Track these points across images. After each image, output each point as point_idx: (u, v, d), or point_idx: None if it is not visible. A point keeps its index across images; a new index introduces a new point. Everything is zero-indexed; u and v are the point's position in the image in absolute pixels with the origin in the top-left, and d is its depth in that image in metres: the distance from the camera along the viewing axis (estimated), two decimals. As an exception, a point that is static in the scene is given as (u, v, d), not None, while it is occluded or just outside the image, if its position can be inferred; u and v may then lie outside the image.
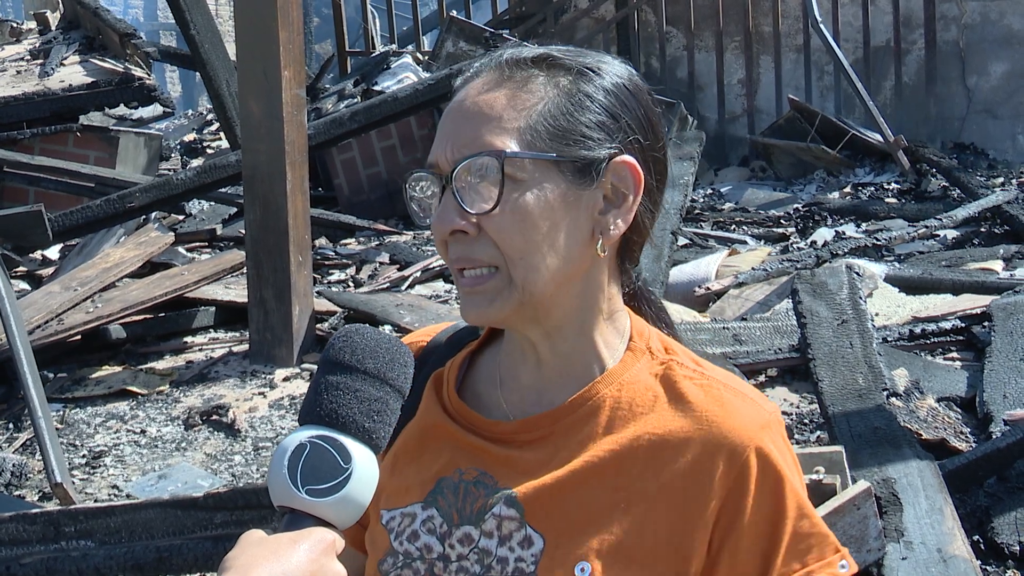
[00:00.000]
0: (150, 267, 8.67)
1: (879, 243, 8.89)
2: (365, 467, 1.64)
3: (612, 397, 1.81)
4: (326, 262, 9.57)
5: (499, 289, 1.76)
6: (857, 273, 6.78)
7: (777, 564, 1.72)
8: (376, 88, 12.65)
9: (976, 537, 4.57)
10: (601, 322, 1.85)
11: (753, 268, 8.02)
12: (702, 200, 12.14)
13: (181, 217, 11.34)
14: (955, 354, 6.44)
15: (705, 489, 1.72)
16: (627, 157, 1.78)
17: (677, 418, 1.77)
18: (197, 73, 12.13)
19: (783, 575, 1.72)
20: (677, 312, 6.96)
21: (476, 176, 1.73)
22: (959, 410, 5.71)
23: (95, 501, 5.68)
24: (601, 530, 1.73)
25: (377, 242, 10.17)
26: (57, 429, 6.36)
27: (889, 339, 6.43)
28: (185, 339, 7.64)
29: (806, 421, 5.81)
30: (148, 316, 7.67)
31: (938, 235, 9.30)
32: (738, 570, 1.73)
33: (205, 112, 18.23)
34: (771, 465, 1.73)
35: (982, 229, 9.44)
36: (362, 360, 1.69)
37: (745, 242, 9.88)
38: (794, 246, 9.54)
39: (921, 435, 5.16)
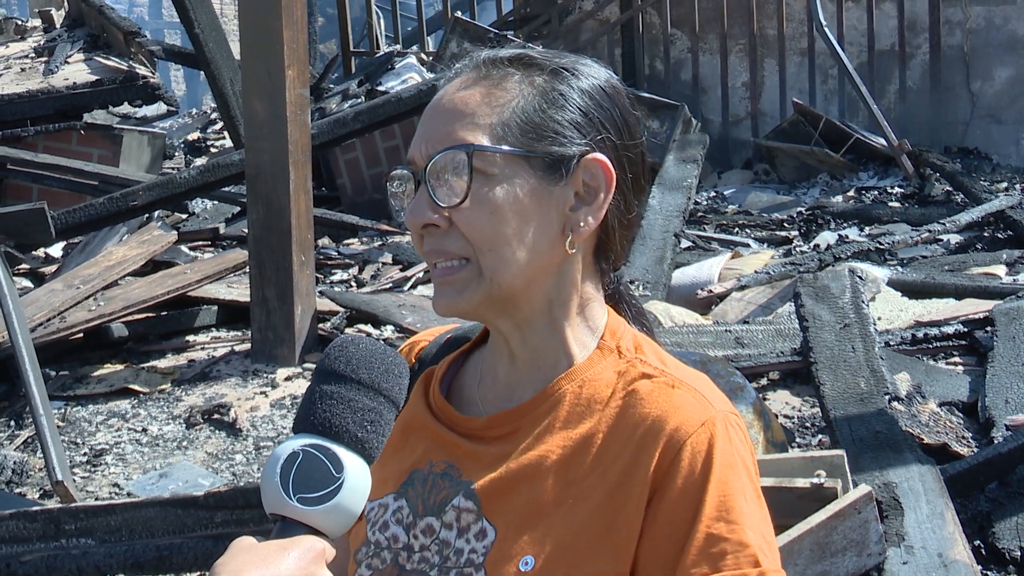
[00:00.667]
0: (152, 265, 8.67)
1: (882, 247, 8.88)
2: (357, 477, 1.64)
3: (572, 393, 1.82)
4: (329, 262, 9.57)
5: (468, 280, 1.79)
6: (860, 277, 6.78)
7: (687, 562, 1.68)
8: (380, 88, 12.66)
9: (977, 542, 4.56)
10: (573, 318, 1.86)
11: (756, 271, 8.02)
12: (705, 203, 12.14)
13: (184, 216, 11.35)
14: (957, 359, 6.44)
15: (639, 482, 1.72)
16: (599, 155, 1.81)
17: (627, 414, 1.77)
18: (201, 72, 12.13)
19: None
20: (680, 315, 6.96)
21: (448, 170, 1.77)
22: (961, 415, 5.71)
23: (96, 499, 5.68)
24: (548, 524, 1.75)
25: (380, 242, 10.17)
26: (58, 427, 6.36)
27: (891, 343, 6.42)
28: (187, 338, 7.64)
29: (807, 425, 5.80)
30: (150, 315, 7.67)
31: (941, 239, 9.29)
32: (653, 562, 1.70)
33: (209, 111, 18.23)
34: (703, 461, 1.71)
35: (985, 234, 9.42)
36: (356, 370, 1.70)
37: (748, 245, 9.88)
38: (797, 249, 9.54)
39: (923, 439, 5.16)
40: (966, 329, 6.60)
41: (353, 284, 8.95)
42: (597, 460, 1.76)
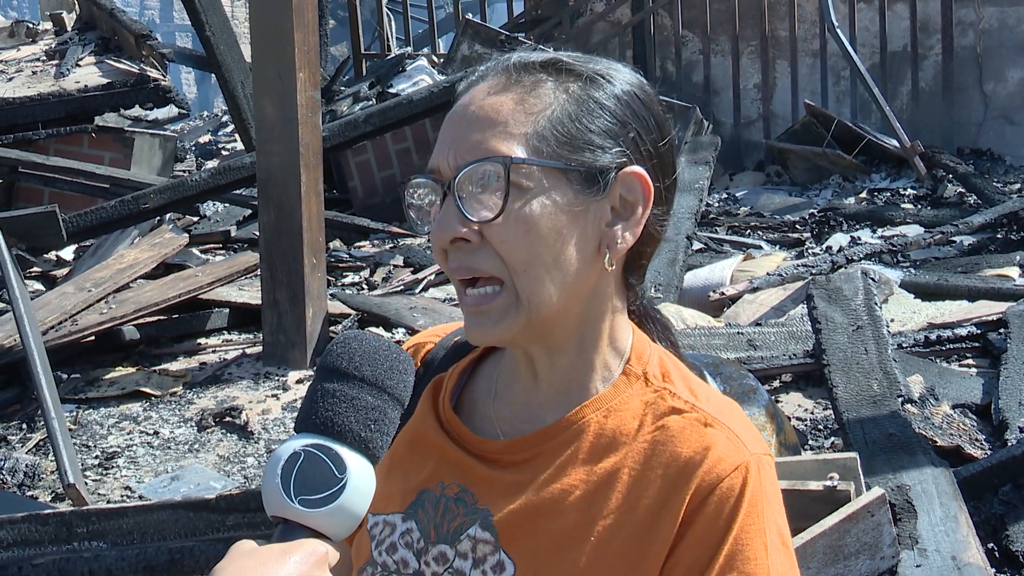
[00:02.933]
0: (164, 268, 8.68)
1: (895, 249, 8.87)
2: (361, 478, 1.59)
3: (597, 423, 1.74)
4: (340, 264, 9.57)
5: (506, 308, 1.69)
6: (872, 279, 6.76)
7: None
8: (391, 91, 12.67)
9: (991, 545, 4.55)
10: (602, 341, 1.78)
11: (768, 273, 8.00)
12: (717, 205, 12.13)
13: (195, 219, 11.35)
14: (970, 361, 6.43)
15: (669, 525, 1.65)
16: (637, 168, 1.71)
17: (656, 452, 1.70)
18: (212, 75, 12.15)
19: None
20: (692, 317, 6.95)
21: (480, 183, 1.66)
22: (974, 417, 5.69)
23: (107, 502, 5.68)
24: (571, 561, 1.68)
25: (391, 245, 10.17)
26: (70, 430, 6.37)
27: (904, 345, 6.41)
28: (199, 341, 7.65)
29: (820, 427, 5.79)
30: (162, 317, 7.68)
31: (954, 241, 9.28)
32: None
33: (220, 114, 18.28)
34: (731, 507, 1.65)
35: (998, 235, 9.40)
36: (360, 367, 1.64)
37: (760, 247, 9.87)
38: (809, 251, 9.53)
39: (936, 442, 5.14)
40: (979, 331, 6.59)
41: (364, 287, 8.95)
42: (623, 497, 1.69)
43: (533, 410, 1.80)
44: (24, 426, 6.61)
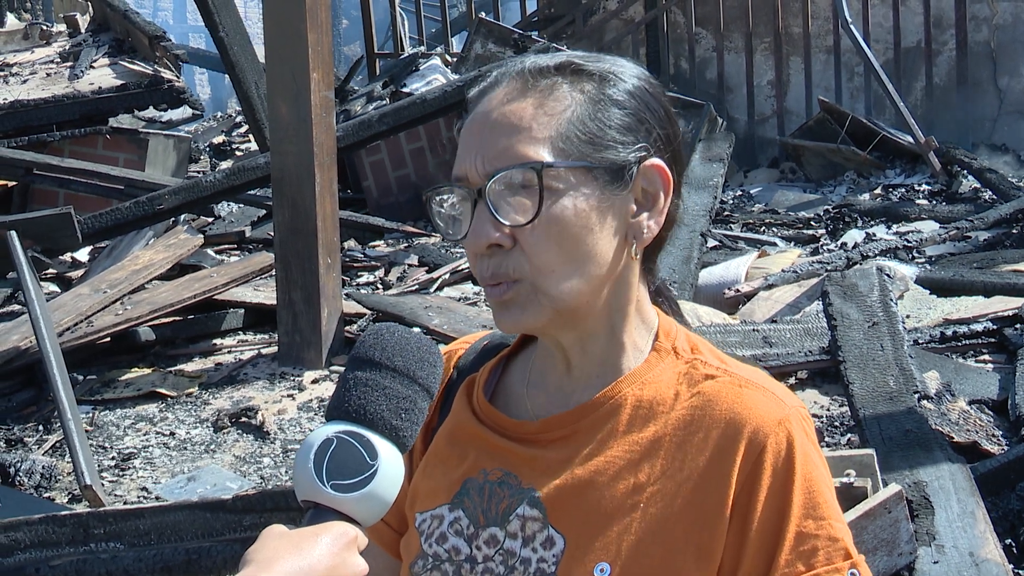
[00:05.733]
0: (179, 269, 8.69)
1: (910, 245, 8.85)
2: (391, 464, 1.63)
3: (634, 396, 1.80)
4: (355, 264, 9.58)
5: (529, 297, 1.74)
6: (888, 275, 6.75)
7: (780, 563, 1.69)
8: (405, 90, 12.66)
9: (1008, 541, 4.54)
10: (630, 324, 1.83)
11: (783, 270, 7.99)
12: (731, 202, 12.11)
13: (210, 219, 11.36)
14: (987, 356, 6.41)
15: (722, 484, 1.71)
16: (656, 160, 1.78)
17: (697, 416, 1.76)
18: (226, 75, 12.16)
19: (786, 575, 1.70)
20: (707, 314, 6.94)
21: (511, 188, 1.72)
22: (991, 413, 5.68)
23: (124, 503, 5.69)
24: (621, 530, 1.73)
25: (406, 244, 10.18)
26: (86, 431, 6.38)
27: (920, 341, 6.40)
28: (214, 341, 7.66)
29: (837, 424, 5.78)
30: (177, 318, 7.69)
31: (969, 237, 9.25)
32: (745, 565, 1.71)
33: (234, 114, 18.28)
34: (785, 460, 1.72)
35: (1014, 230, 9.38)
36: (391, 358, 1.69)
37: (775, 244, 9.85)
38: (824, 248, 9.51)
39: (953, 438, 5.13)
40: (995, 327, 6.57)
41: (379, 286, 8.95)
42: (668, 464, 1.75)
43: (568, 393, 1.85)
44: (40, 428, 6.63)
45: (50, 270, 9.52)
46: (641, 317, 1.85)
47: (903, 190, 11.82)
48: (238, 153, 15.08)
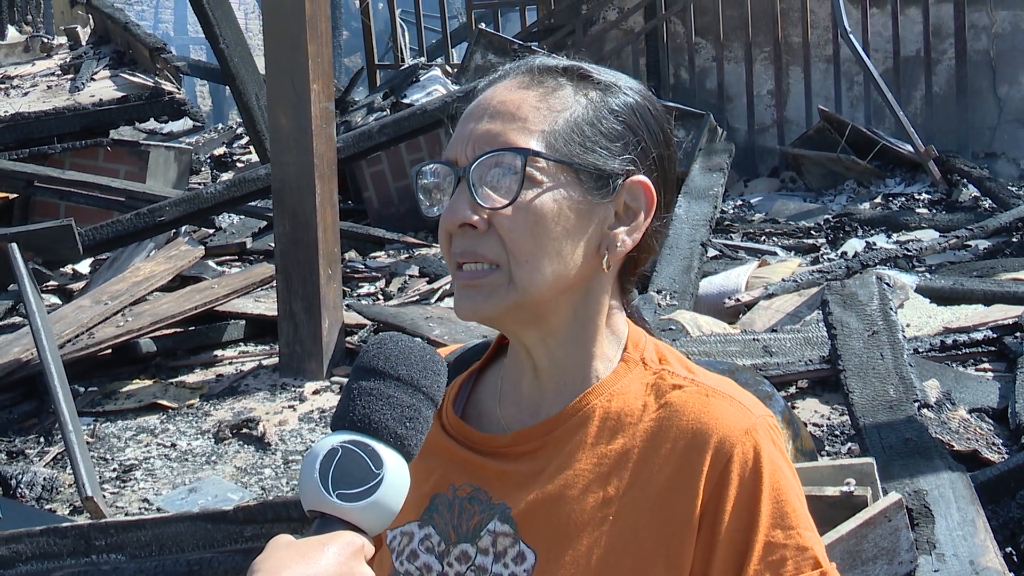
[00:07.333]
0: (180, 281, 8.70)
1: (910, 253, 8.85)
2: (397, 473, 1.63)
3: (602, 408, 1.80)
4: (355, 275, 9.58)
5: (497, 286, 1.76)
6: (888, 284, 6.76)
7: (749, 573, 1.69)
8: (405, 101, 12.68)
9: (1009, 549, 4.54)
10: (599, 334, 1.85)
11: (783, 279, 8.00)
12: (732, 211, 12.11)
13: (211, 231, 11.37)
14: (987, 365, 6.41)
15: (689, 495, 1.72)
16: (643, 177, 1.80)
17: (664, 427, 1.77)
18: (227, 87, 12.17)
19: None
20: (707, 324, 6.95)
21: (494, 172, 1.75)
22: (991, 421, 5.68)
23: (126, 515, 5.69)
24: (591, 544, 1.74)
25: (407, 255, 10.18)
26: (88, 443, 6.38)
27: (920, 350, 6.40)
28: (215, 353, 7.66)
29: (837, 433, 5.78)
30: (178, 330, 7.70)
31: (969, 245, 9.26)
32: (712, 570, 1.71)
33: (235, 126, 18.28)
34: (752, 469, 1.72)
35: (1014, 239, 9.38)
36: (396, 367, 1.69)
37: (775, 253, 9.86)
38: (824, 257, 9.52)
39: (953, 446, 5.14)
40: (995, 335, 6.57)
41: (380, 297, 8.96)
42: (636, 475, 1.75)
43: (537, 403, 1.86)
44: (42, 440, 6.63)
45: (51, 282, 9.53)
46: (611, 329, 1.86)
47: (903, 199, 11.82)
48: (239, 165, 15.08)
